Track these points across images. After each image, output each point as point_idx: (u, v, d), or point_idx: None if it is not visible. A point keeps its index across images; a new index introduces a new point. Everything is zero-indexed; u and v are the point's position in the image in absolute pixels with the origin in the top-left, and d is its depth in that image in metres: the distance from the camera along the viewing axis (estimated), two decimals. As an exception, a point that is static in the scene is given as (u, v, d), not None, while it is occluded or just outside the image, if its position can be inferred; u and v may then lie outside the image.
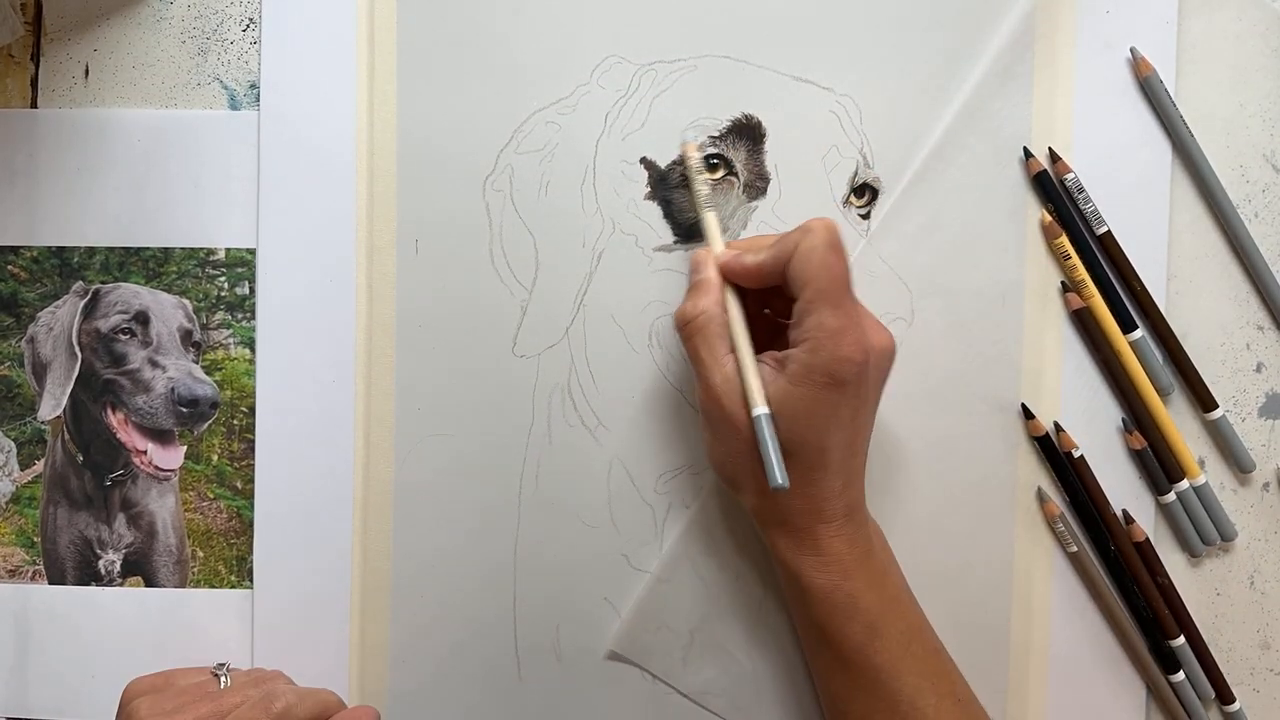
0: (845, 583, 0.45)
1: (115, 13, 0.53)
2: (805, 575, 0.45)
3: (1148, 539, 0.51)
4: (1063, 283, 0.51)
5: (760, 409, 0.44)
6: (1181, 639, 0.51)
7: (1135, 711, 0.52)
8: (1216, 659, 0.51)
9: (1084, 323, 0.51)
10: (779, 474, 0.43)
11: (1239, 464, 0.52)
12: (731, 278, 0.47)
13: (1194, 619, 0.51)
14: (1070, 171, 0.51)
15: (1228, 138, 0.52)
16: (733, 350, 0.45)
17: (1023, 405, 0.51)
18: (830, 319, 0.43)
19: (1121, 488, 0.52)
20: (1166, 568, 0.51)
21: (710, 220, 0.49)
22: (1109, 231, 0.51)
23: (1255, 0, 0.52)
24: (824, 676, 0.47)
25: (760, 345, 0.46)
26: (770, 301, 0.48)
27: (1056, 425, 0.51)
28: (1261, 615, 0.52)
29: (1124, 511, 0.51)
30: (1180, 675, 0.51)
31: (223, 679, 0.48)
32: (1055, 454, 0.51)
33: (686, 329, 0.46)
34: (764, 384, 0.44)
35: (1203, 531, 0.51)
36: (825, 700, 0.48)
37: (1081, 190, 0.51)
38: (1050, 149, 0.51)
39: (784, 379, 0.44)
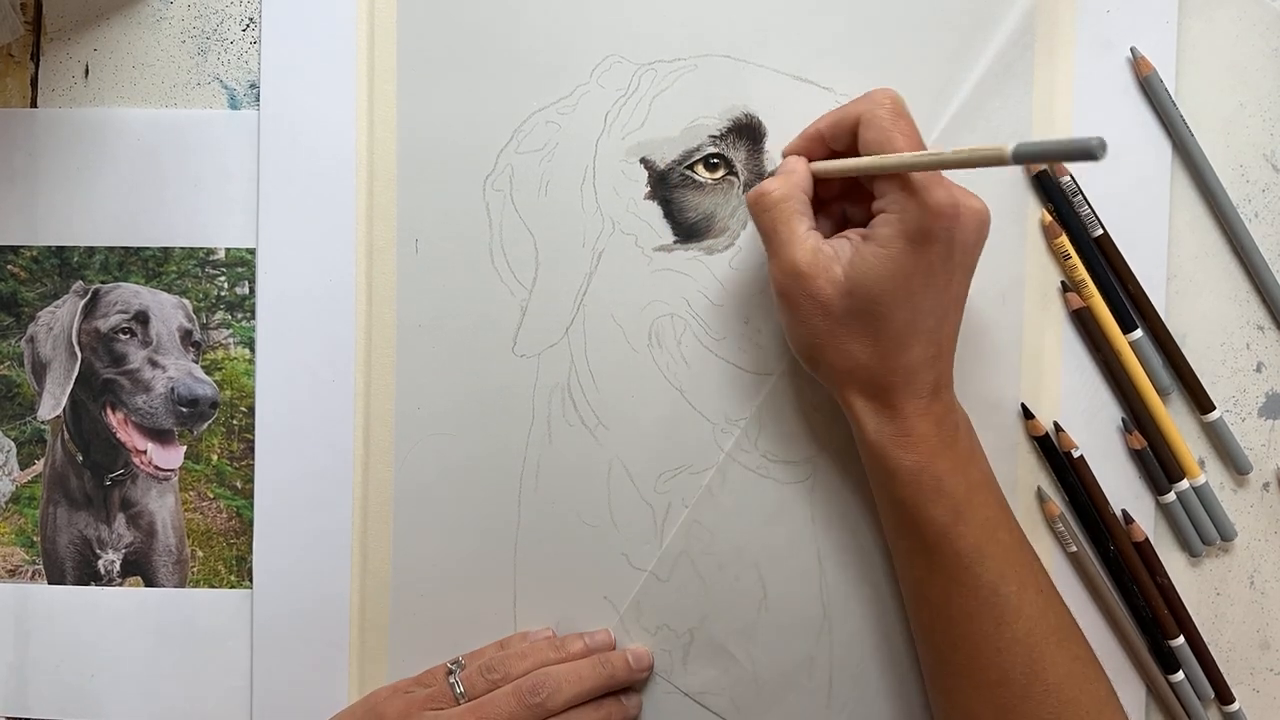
0: (931, 464, 0.44)
1: (115, 12, 0.53)
2: (892, 455, 0.45)
3: (1147, 539, 0.51)
4: (1063, 282, 0.51)
5: (1005, 145, 0.36)
6: (1181, 639, 0.51)
7: (1135, 711, 0.52)
8: (1216, 659, 0.51)
9: (1084, 322, 0.51)
10: (1087, 138, 0.33)
11: (1236, 466, 0.52)
12: (805, 151, 0.47)
13: (1194, 619, 0.51)
14: (1067, 174, 0.51)
15: (1228, 137, 0.52)
16: (815, 228, 0.45)
17: (1023, 405, 0.51)
18: (915, 176, 0.43)
19: (1121, 488, 0.52)
20: (1166, 567, 0.51)
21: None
22: (1106, 232, 0.51)
23: (1255, 0, 0.52)
24: (905, 560, 0.47)
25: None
26: (853, 210, 0.48)
27: (1056, 425, 0.51)
28: (1261, 615, 0.52)
29: (1124, 511, 0.51)
30: (1180, 675, 0.51)
31: (456, 684, 0.48)
32: (1055, 454, 0.51)
33: (761, 202, 0.45)
34: (847, 257, 0.44)
35: (1203, 531, 0.51)
36: (905, 586, 0.48)
37: (1078, 192, 0.51)
38: (1050, 149, 0.51)
39: (872, 244, 0.43)
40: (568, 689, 0.47)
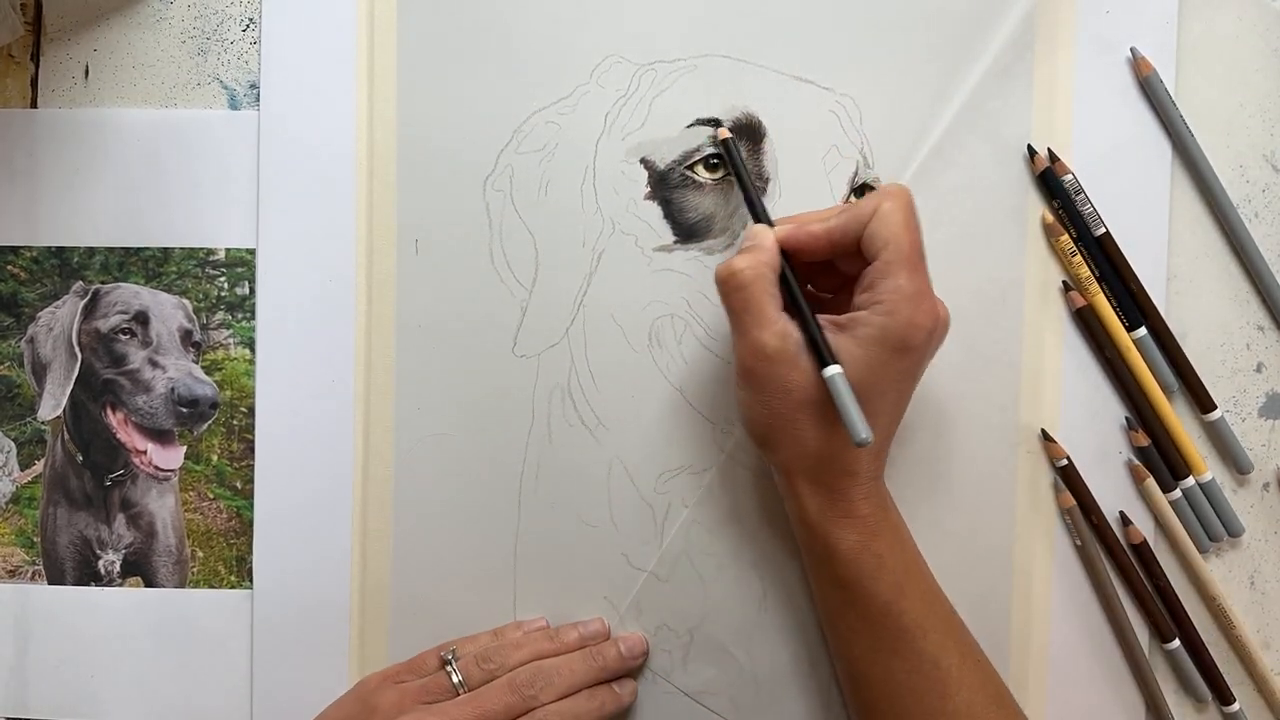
0: (873, 542, 0.45)
1: (115, 13, 0.53)
2: (834, 535, 0.45)
3: (1146, 541, 0.51)
4: (1064, 281, 0.51)
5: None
6: (1176, 641, 0.51)
7: (1135, 710, 0.52)
8: (1216, 659, 0.51)
9: (1086, 321, 0.51)
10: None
11: (1237, 465, 0.52)
12: (795, 247, 0.46)
13: (1193, 619, 0.51)
14: (1069, 173, 0.51)
15: (1228, 138, 0.52)
16: (785, 309, 0.45)
17: (1043, 431, 0.51)
18: (908, 283, 0.43)
19: (1124, 486, 0.51)
20: (1174, 565, 0.51)
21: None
22: (1108, 231, 0.51)
23: (1255, 0, 0.52)
24: (846, 639, 0.47)
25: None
26: (815, 278, 0.49)
27: (1044, 433, 0.51)
28: (1261, 615, 0.52)
29: (1121, 513, 0.51)
30: (1180, 675, 0.51)
31: (453, 674, 0.48)
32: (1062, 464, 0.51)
33: (732, 281, 0.45)
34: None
35: (1209, 528, 0.51)
36: (844, 665, 0.48)
37: (1080, 190, 0.51)
38: (1049, 150, 0.51)
39: (850, 341, 0.44)
40: (560, 681, 0.48)
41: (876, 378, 0.44)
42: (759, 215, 0.48)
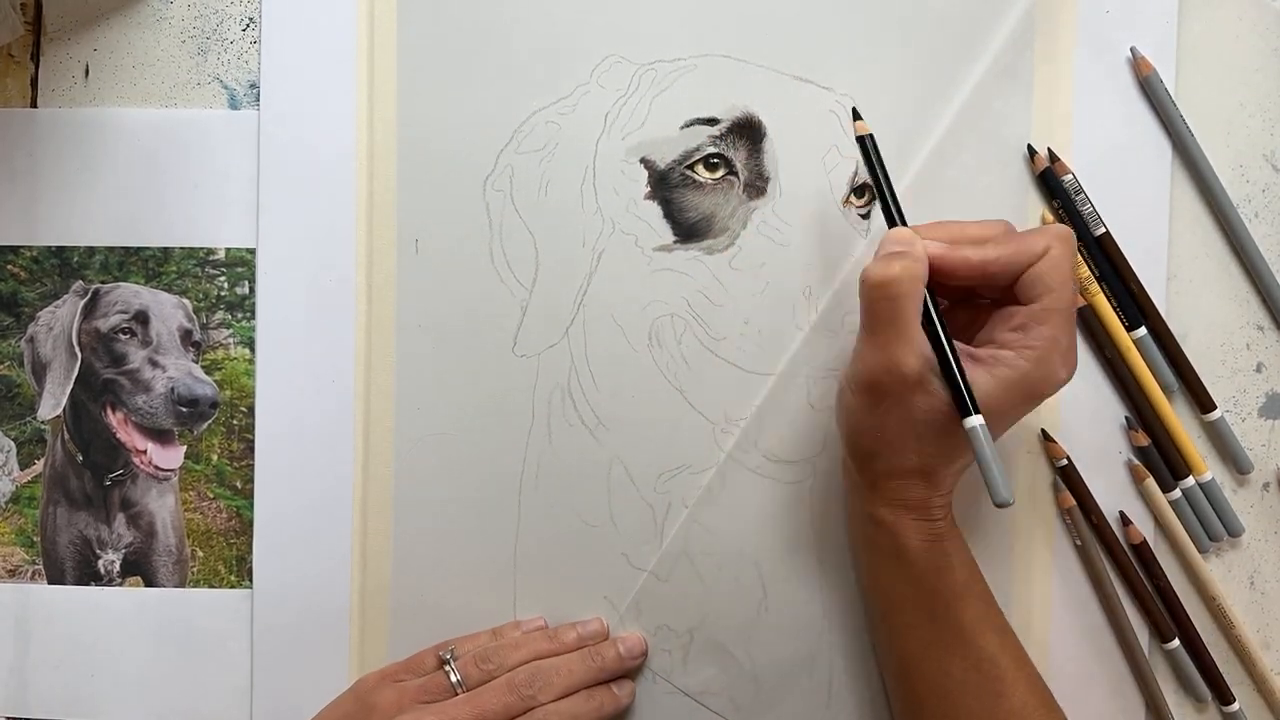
0: (942, 541, 0.45)
1: (115, 12, 0.53)
2: (907, 535, 0.45)
3: (1145, 541, 0.51)
4: (1063, 282, 0.51)
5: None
6: (1176, 641, 0.51)
7: (1135, 710, 0.52)
8: (1216, 659, 0.51)
9: (1086, 321, 0.51)
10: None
11: (1237, 465, 0.52)
12: (945, 269, 0.44)
13: (1193, 619, 0.51)
14: (1069, 172, 0.51)
15: (1228, 137, 0.52)
16: (926, 334, 0.43)
17: (1043, 431, 0.51)
18: (1064, 336, 0.43)
19: (1124, 486, 0.51)
20: (1175, 565, 0.51)
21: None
22: (1108, 231, 0.51)
23: (1255, 0, 0.52)
24: (902, 635, 0.47)
25: None
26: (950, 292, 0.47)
27: (1044, 433, 0.51)
28: (1261, 615, 0.52)
29: (1121, 513, 0.51)
30: (1180, 675, 0.51)
31: (451, 673, 0.48)
32: (1065, 468, 0.51)
33: (885, 289, 0.43)
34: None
35: (1209, 528, 0.51)
36: (896, 661, 0.48)
37: (1080, 190, 0.51)
38: (1049, 150, 0.51)
39: (987, 376, 0.43)
40: (559, 682, 0.48)
41: (999, 418, 0.44)
42: (895, 219, 0.46)
